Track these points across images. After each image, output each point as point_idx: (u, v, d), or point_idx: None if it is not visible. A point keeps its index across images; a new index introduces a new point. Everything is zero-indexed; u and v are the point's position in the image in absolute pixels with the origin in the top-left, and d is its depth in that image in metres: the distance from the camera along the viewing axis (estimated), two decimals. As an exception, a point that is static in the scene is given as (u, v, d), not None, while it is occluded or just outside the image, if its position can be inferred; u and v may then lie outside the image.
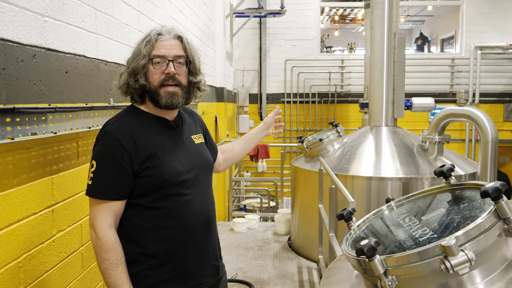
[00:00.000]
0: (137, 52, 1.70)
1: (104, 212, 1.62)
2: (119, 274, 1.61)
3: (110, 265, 1.60)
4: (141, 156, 1.64)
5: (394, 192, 4.24)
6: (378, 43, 5.00)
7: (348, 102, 9.74)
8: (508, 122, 9.64)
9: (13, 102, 1.63)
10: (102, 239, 1.60)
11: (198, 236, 1.77)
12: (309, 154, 5.12)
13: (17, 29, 1.68)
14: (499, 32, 9.45)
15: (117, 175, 1.62)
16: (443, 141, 4.54)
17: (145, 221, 1.68)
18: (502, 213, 1.01)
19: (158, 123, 1.75)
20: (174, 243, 1.71)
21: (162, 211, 1.69)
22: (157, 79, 1.70)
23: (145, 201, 1.68)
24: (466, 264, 0.96)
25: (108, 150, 1.63)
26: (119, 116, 1.74)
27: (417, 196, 1.51)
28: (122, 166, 1.62)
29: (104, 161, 1.63)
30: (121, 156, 1.62)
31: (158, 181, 1.66)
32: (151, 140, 1.69)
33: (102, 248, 1.60)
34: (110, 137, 1.64)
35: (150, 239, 1.69)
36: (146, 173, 1.65)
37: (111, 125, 1.68)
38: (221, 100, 6.95)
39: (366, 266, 1.11)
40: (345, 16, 13.60)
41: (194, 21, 5.15)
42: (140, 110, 1.77)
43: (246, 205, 8.17)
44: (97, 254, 1.62)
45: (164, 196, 1.68)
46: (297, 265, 4.76)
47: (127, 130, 1.66)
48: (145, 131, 1.70)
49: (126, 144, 1.63)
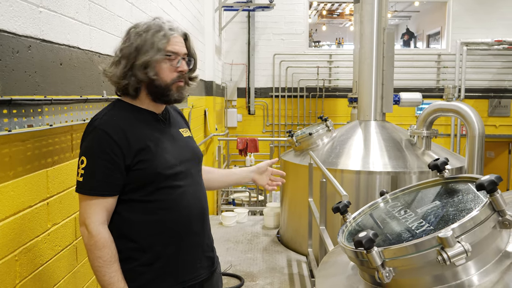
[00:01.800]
0: (149, 45, 1.64)
1: (96, 209, 1.59)
2: (114, 272, 1.58)
3: (104, 263, 1.57)
4: (132, 150, 1.61)
5: (383, 186, 4.28)
6: (368, 38, 5.03)
7: (336, 96, 9.78)
8: (493, 117, 9.79)
9: (9, 93, 1.61)
10: (96, 236, 1.57)
11: (193, 228, 1.75)
12: (299, 148, 5.14)
13: (12, 20, 1.66)
14: (484, 28, 9.56)
15: (109, 170, 1.59)
16: (431, 135, 4.60)
17: (138, 216, 1.66)
18: (497, 205, 1.03)
19: (147, 117, 1.73)
20: (169, 236, 1.69)
21: (156, 204, 1.67)
22: (171, 76, 1.69)
23: (137, 195, 1.65)
24: (462, 255, 0.97)
25: (98, 145, 1.60)
26: (107, 110, 1.69)
27: (412, 189, 1.52)
28: (114, 161, 1.59)
29: (95, 156, 1.59)
30: (112, 150, 1.59)
31: (151, 174, 1.64)
32: (142, 133, 1.67)
33: (96, 245, 1.56)
34: (100, 131, 1.60)
35: (144, 233, 1.67)
36: (138, 166, 1.62)
37: (100, 120, 1.64)
38: (210, 94, 6.93)
39: (363, 257, 1.12)
40: (332, 11, 13.63)
41: (184, 14, 5.12)
42: (128, 103, 1.73)
43: (235, 199, 8.18)
44: (90, 252, 1.58)
45: (157, 189, 1.66)
46: (286, 258, 4.80)
47: (117, 124, 1.63)
48: (135, 124, 1.67)
49: (117, 138, 1.60)
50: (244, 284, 4.13)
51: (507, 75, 9.74)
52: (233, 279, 4.26)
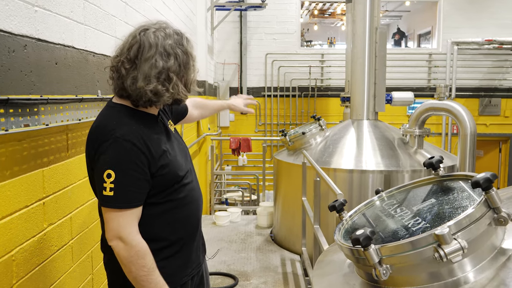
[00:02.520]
0: (189, 66, 1.71)
1: (130, 220, 1.56)
2: (159, 277, 1.59)
3: (148, 271, 1.55)
4: (155, 156, 1.61)
5: (376, 185, 4.30)
6: (360, 38, 5.05)
7: (328, 96, 9.80)
8: (483, 116, 9.86)
9: (5, 93, 1.60)
10: (136, 246, 1.54)
11: (199, 219, 1.85)
12: (292, 147, 5.15)
13: (8, 19, 1.65)
14: (475, 27, 9.63)
15: (140, 181, 1.57)
16: (423, 134, 4.63)
17: (158, 217, 1.68)
18: (492, 202, 1.05)
19: (151, 120, 1.71)
20: (187, 230, 1.76)
21: (176, 203, 1.71)
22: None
23: (156, 198, 1.66)
24: (459, 252, 0.99)
25: (127, 156, 1.55)
26: (120, 117, 1.63)
27: (407, 187, 1.54)
28: (143, 170, 1.57)
29: (125, 169, 1.55)
30: (141, 160, 1.57)
31: (173, 177, 1.68)
32: (156, 138, 1.66)
33: (138, 255, 1.54)
34: (125, 142, 1.55)
35: (164, 232, 1.69)
36: (161, 172, 1.63)
37: (119, 130, 1.57)
38: (203, 93, 6.92)
39: (360, 255, 1.13)
40: (324, 11, 13.66)
41: (177, 14, 5.11)
42: (131, 108, 1.67)
43: (228, 199, 8.18)
44: (132, 264, 1.54)
45: (176, 190, 1.70)
46: (280, 257, 4.81)
47: (138, 133, 1.59)
48: (148, 130, 1.64)
49: (142, 147, 1.57)
50: (238, 284, 4.14)
51: (498, 74, 9.83)
52: (227, 279, 4.26)
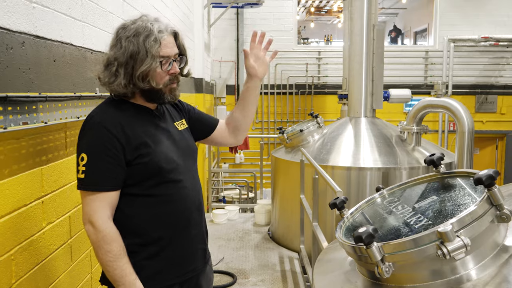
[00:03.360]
0: (144, 53, 1.62)
1: (101, 204, 1.59)
2: (125, 265, 1.59)
3: (114, 257, 1.57)
4: (132, 144, 1.62)
5: (373, 182, 4.30)
6: (358, 35, 5.04)
7: (325, 93, 9.81)
8: (479, 113, 9.90)
9: (3, 90, 1.58)
10: (104, 231, 1.56)
11: (191, 221, 1.78)
12: (290, 145, 5.14)
13: (6, 15, 1.63)
14: (471, 25, 9.66)
15: (111, 164, 1.59)
16: (421, 131, 4.63)
17: (139, 210, 1.67)
18: (495, 199, 1.04)
19: (142, 113, 1.73)
20: (169, 229, 1.71)
21: (158, 199, 1.68)
22: (163, 80, 1.69)
23: (137, 189, 1.66)
24: (462, 250, 0.98)
25: (99, 140, 1.60)
26: (103, 107, 1.70)
27: (408, 184, 1.53)
28: (116, 155, 1.60)
29: (97, 152, 1.59)
30: (113, 145, 1.59)
31: (153, 168, 1.65)
32: (139, 128, 1.67)
33: (105, 240, 1.56)
34: (100, 127, 1.61)
35: (145, 227, 1.68)
36: (139, 160, 1.63)
37: (98, 116, 1.65)
38: (200, 91, 6.90)
39: (362, 253, 1.12)
40: (320, 8, 13.66)
41: (174, 11, 5.09)
42: (123, 100, 1.73)
43: (225, 197, 8.17)
44: (99, 248, 1.57)
45: (159, 184, 1.67)
46: (278, 255, 4.80)
47: (115, 119, 1.63)
48: (131, 120, 1.67)
49: (117, 133, 1.60)
50: (236, 281, 4.13)
51: (494, 71, 9.86)
52: (225, 276, 4.25)
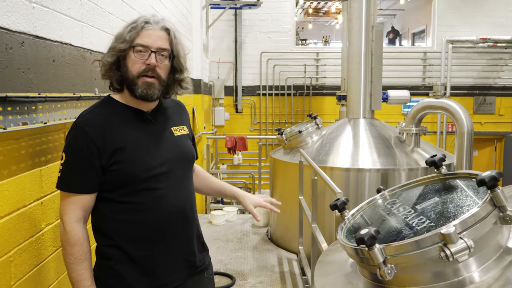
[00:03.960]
0: (119, 35, 1.66)
1: (72, 206, 1.60)
2: (82, 270, 1.59)
3: (74, 260, 1.59)
4: (108, 150, 1.60)
5: (372, 183, 4.30)
6: (356, 36, 5.04)
7: (323, 94, 9.81)
8: (478, 115, 9.91)
9: (3, 90, 1.57)
10: (69, 233, 1.58)
11: (171, 231, 1.72)
12: (288, 146, 5.13)
13: (6, 15, 1.62)
14: (469, 26, 9.67)
15: (84, 168, 1.59)
16: (420, 132, 4.63)
17: (116, 215, 1.65)
18: (498, 201, 1.04)
19: (132, 115, 1.70)
20: (145, 238, 1.67)
21: (133, 206, 1.65)
22: (137, 69, 1.64)
23: (115, 195, 1.64)
24: (465, 252, 0.97)
25: (76, 142, 1.60)
26: (92, 108, 1.69)
27: (410, 185, 1.52)
28: (89, 159, 1.58)
29: (72, 153, 1.60)
30: (89, 148, 1.58)
31: (128, 175, 1.62)
32: (122, 133, 1.64)
33: (68, 242, 1.58)
34: (79, 129, 1.61)
35: (122, 233, 1.66)
36: (114, 167, 1.61)
37: (82, 117, 1.64)
38: (198, 92, 6.90)
39: (364, 255, 1.12)
40: (318, 9, 13.66)
41: (173, 12, 5.08)
42: (115, 101, 1.71)
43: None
44: (63, 248, 1.61)
45: (135, 191, 1.64)
46: (277, 256, 4.79)
47: (97, 123, 1.62)
48: (116, 123, 1.65)
49: (94, 137, 1.59)
50: (235, 283, 4.12)
51: (492, 72, 9.87)
52: (224, 278, 4.24)
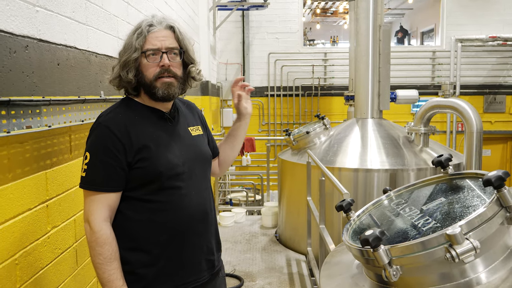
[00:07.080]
0: (129, 45, 1.66)
1: (99, 205, 1.59)
2: (113, 270, 1.58)
3: (104, 260, 1.57)
4: (134, 147, 1.61)
5: (381, 184, 4.27)
6: (364, 36, 5.01)
7: (332, 95, 9.78)
8: (488, 114, 9.82)
9: (7, 94, 1.58)
10: (97, 233, 1.56)
11: (193, 231, 1.73)
12: (296, 147, 5.12)
13: (9, 19, 1.63)
14: (478, 24, 9.59)
15: (111, 166, 1.59)
16: (428, 132, 4.59)
17: (139, 215, 1.65)
18: (505, 201, 1.02)
19: (152, 115, 1.72)
20: (170, 237, 1.67)
21: (157, 205, 1.65)
22: (152, 72, 1.66)
23: (139, 194, 1.64)
24: (471, 253, 0.96)
25: (101, 141, 1.60)
26: (113, 108, 1.72)
27: (416, 186, 1.51)
28: (116, 157, 1.59)
29: (98, 152, 1.60)
30: (115, 146, 1.59)
31: (153, 173, 1.63)
32: (145, 131, 1.66)
33: (97, 242, 1.56)
34: (104, 127, 1.61)
35: (145, 234, 1.65)
36: (139, 164, 1.62)
37: (105, 116, 1.66)
38: (206, 93, 6.91)
39: (369, 256, 1.10)
40: (326, 10, 13.64)
41: (179, 14, 5.09)
42: (135, 101, 1.73)
43: (232, 199, 8.16)
44: (91, 249, 1.58)
45: (159, 189, 1.65)
46: (285, 257, 4.78)
47: (121, 121, 1.63)
48: (139, 122, 1.67)
49: (120, 135, 1.60)
50: (243, 285, 4.11)
51: (502, 71, 9.77)
52: (232, 279, 4.24)
